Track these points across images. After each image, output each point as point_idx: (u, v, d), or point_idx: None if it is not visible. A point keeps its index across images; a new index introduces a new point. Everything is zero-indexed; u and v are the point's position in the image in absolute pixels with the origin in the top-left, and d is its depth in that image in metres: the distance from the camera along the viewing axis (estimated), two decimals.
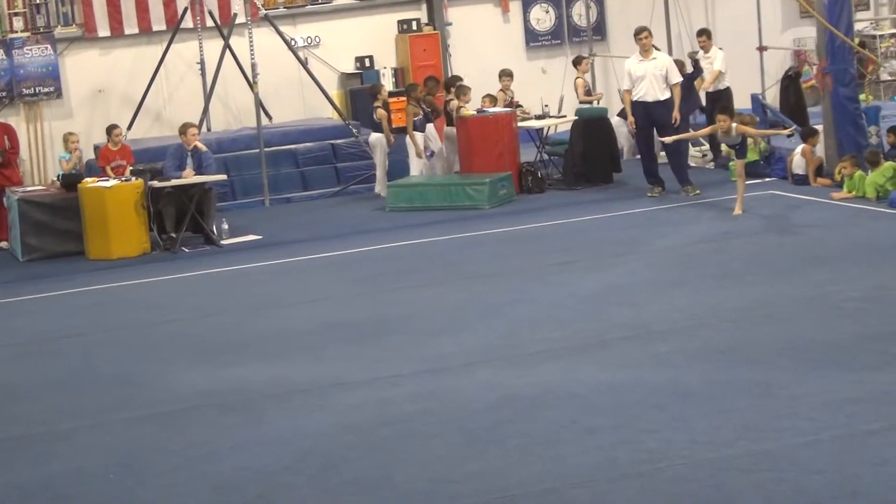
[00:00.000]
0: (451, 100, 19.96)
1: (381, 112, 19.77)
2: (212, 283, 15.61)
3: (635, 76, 18.19)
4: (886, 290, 12.38)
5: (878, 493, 7.82)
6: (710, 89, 20.50)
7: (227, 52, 21.25)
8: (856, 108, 18.10)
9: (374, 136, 19.93)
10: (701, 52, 20.80)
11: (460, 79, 20.54)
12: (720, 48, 21.02)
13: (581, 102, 21.02)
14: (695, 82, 20.32)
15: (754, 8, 21.79)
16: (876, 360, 10.32)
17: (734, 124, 16.45)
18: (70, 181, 18.16)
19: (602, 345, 11.42)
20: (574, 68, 21.99)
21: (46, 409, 11.05)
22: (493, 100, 20.42)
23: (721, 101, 19.85)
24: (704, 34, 21.04)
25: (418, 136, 19.71)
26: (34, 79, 22.20)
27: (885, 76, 25.58)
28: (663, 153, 18.60)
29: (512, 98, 20.64)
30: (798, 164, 18.27)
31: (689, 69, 19.74)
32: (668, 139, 17.78)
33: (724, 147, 19.09)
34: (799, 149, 18.40)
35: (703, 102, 20.76)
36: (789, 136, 18.02)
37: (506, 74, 20.92)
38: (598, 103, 21.33)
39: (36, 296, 15.69)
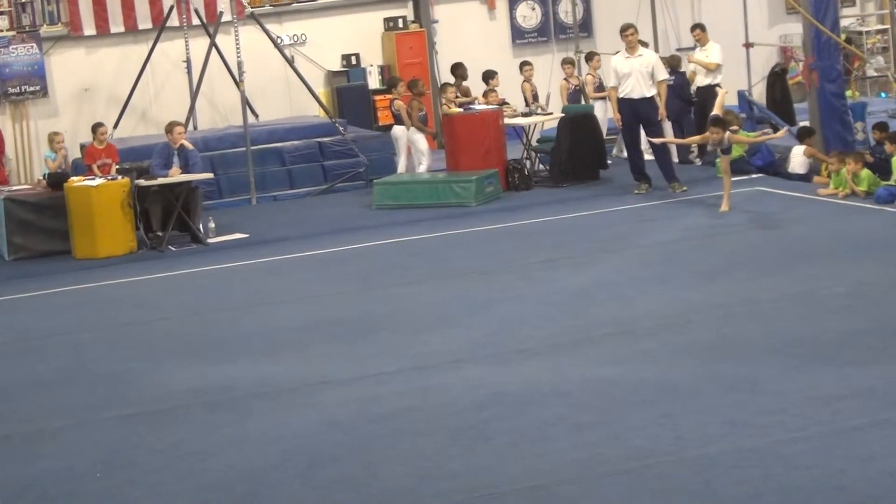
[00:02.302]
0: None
1: (398, 103, 19.82)
2: (198, 282, 15.59)
3: (621, 73, 18.19)
4: (871, 286, 12.42)
5: (864, 488, 7.84)
6: (703, 84, 20.44)
7: (214, 50, 21.23)
8: (842, 104, 18.15)
9: (396, 129, 19.96)
10: (698, 47, 20.75)
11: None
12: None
13: (594, 100, 20.92)
14: (687, 75, 20.38)
15: (740, 4, 21.80)
16: (861, 355, 10.35)
17: (727, 135, 16.45)
18: (56, 180, 18.13)
19: (589, 341, 11.44)
20: (586, 63, 21.87)
21: (33, 407, 11.05)
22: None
23: (710, 98, 19.87)
24: (698, 28, 20.96)
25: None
26: (20, 78, 22.17)
27: (871, 72, 25.62)
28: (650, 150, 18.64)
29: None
30: (800, 164, 18.25)
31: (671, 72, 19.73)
32: (657, 140, 17.81)
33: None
34: (798, 150, 18.39)
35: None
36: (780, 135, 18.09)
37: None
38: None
39: (22, 295, 15.67)
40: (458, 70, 20.89)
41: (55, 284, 16.05)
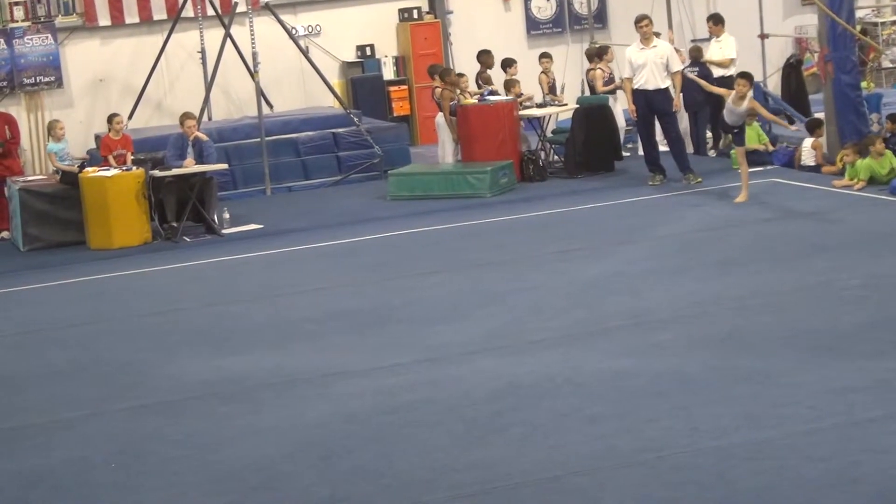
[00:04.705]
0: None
1: (439, 91, 19.84)
2: (213, 273, 15.61)
3: (636, 64, 18.15)
4: (886, 278, 12.39)
5: (879, 480, 7.83)
6: (717, 76, 20.33)
7: (228, 41, 21.21)
8: (857, 95, 18.09)
9: (440, 117, 20.02)
10: (713, 39, 20.66)
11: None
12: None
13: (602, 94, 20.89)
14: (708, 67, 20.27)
15: None
16: (876, 347, 10.33)
17: (749, 93, 16.29)
18: (70, 179, 18.00)
19: (603, 333, 11.43)
20: (599, 59, 21.76)
21: (48, 398, 11.07)
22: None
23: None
24: (712, 19, 20.87)
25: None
26: (35, 68, 22.17)
27: (886, 63, 25.54)
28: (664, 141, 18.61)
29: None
30: (808, 156, 18.27)
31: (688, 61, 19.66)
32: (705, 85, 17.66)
33: (723, 139, 19.15)
34: (808, 142, 18.37)
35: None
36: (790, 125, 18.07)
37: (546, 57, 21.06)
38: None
39: (37, 285, 15.70)
40: (484, 57, 20.87)
41: (70, 275, 16.08)
